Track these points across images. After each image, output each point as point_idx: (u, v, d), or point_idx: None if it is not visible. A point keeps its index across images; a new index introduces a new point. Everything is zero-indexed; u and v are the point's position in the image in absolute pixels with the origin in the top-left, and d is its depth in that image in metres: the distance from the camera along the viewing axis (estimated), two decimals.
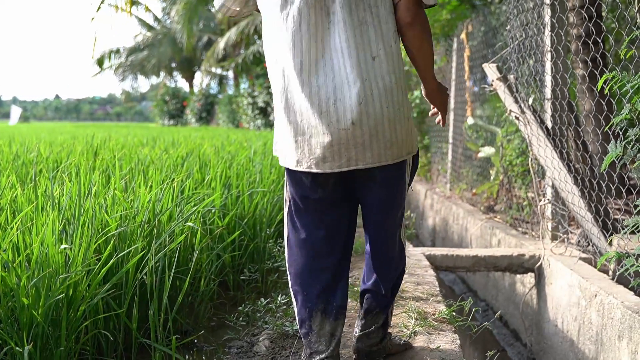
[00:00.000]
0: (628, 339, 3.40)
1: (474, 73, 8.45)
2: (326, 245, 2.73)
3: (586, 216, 4.57)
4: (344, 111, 2.49)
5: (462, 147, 8.70)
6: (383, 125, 2.53)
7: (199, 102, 38.73)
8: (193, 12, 31.07)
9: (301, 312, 2.74)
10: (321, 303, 2.70)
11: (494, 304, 6.23)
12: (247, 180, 4.95)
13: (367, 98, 2.49)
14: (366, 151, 2.54)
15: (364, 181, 2.67)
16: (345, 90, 2.49)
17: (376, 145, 2.54)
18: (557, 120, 4.97)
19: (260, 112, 28.93)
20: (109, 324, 3.06)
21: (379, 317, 2.84)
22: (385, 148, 2.56)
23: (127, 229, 3.21)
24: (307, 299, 2.72)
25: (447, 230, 8.22)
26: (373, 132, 2.52)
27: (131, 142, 8.24)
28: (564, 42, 4.89)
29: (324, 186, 2.66)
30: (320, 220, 2.72)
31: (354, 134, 2.50)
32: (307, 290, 2.73)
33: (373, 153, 2.55)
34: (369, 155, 2.55)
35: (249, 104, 29.34)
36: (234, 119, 32.96)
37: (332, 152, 2.53)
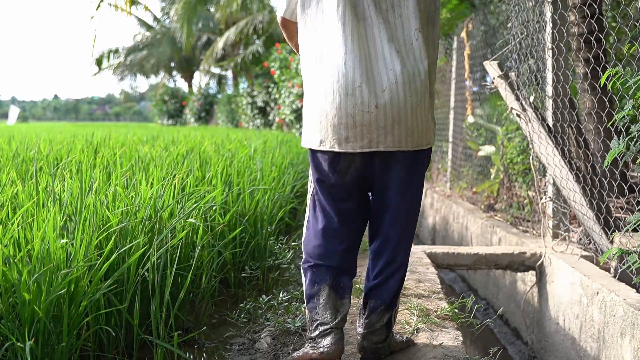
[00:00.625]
0: (630, 336, 3.39)
1: (474, 72, 8.45)
2: (339, 232, 2.90)
3: (587, 214, 4.56)
4: (369, 95, 2.68)
5: (462, 145, 8.70)
6: (406, 112, 2.71)
7: (198, 102, 38.72)
8: (192, 12, 31.08)
9: (310, 287, 2.89)
10: (330, 281, 2.86)
11: (494, 303, 6.22)
12: (247, 178, 4.94)
13: (390, 85, 2.68)
14: (388, 135, 2.71)
15: (383, 167, 2.81)
16: (371, 76, 2.70)
17: (397, 130, 2.71)
18: (558, 118, 4.96)
19: (259, 112, 28.92)
20: (111, 320, 3.05)
21: (384, 316, 2.90)
22: (407, 135, 2.73)
23: (129, 225, 3.19)
24: (318, 276, 2.88)
25: (447, 229, 8.22)
26: (395, 118, 2.69)
27: (131, 140, 8.23)
28: (565, 39, 4.88)
29: (341, 172, 2.82)
30: (335, 207, 2.89)
31: (377, 117, 2.68)
32: (319, 268, 2.89)
33: (394, 138, 2.71)
34: (390, 139, 2.71)
35: (248, 103, 29.33)
36: (233, 118, 32.96)
37: (355, 133, 2.70)
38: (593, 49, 5.27)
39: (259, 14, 30.21)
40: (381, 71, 2.70)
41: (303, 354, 2.81)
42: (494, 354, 3.20)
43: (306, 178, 7.58)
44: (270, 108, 27.77)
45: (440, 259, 5.12)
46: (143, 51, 43.34)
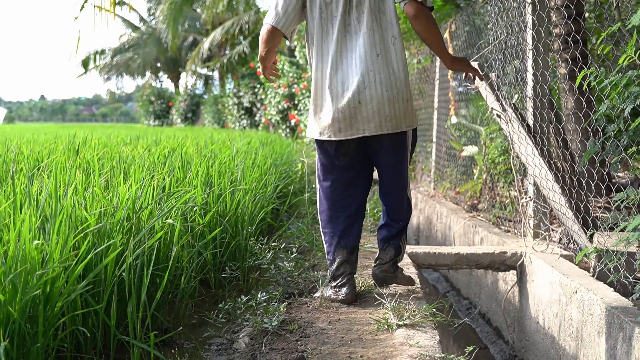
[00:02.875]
0: (607, 335, 3.42)
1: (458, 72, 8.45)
2: (345, 200, 3.78)
3: (567, 213, 4.59)
4: (353, 94, 3.52)
5: (446, 146, 8.72)
6: (384, 104, 3.55)
7: (184, 103, 38.67)
8: (178, 12, 31.03)
9: (328, 247, 3.80)
10: (342, 240, 3.75)
11: (476, 302, 6.25)
12: (228, 179, 4.94)
13: (370, 84, 3.52)
14: (370, 123, 3.56)
15: (375, 147, 3.70)
16: (356, 79, 3.52)
17: (378, 118, 3.56)
18: (538, 118, 4.99)
19: (245, 112, 28.92)
20: (88, 321, 3.04)
21: (390, 250, 3.82)
22: (386, 121, 3.57)
23: (106, 226, 3.19)
24: (332, 237, 3.77)
25: (430, 228, 8.24)
26: (375, 109, 3.54)
27: (114, 141, 8.22)
28: (544, 39, 4.91)
29: (345, 154, 3.71)
30: (341, 182, 3.76)
31: (360, 110, 3.54)
32: (332, 231, 3.78)
33: (376, 124, 3.56)
34: (373, 126, 3.56)
35: (235, 104, 29.32)
36: (219, 119, 32.93)
37: (345, 124, 3.58)
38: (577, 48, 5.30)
39: (245, 15, 30.21)
40: (364, 73, 3.51)
41: (328, 296, 3.78)
42: (470, 353, 3.21)
43: (289, 179, 7.60)
44: (257, 108, 27.78)
45: (421, 259, 5.13)
46: (129, 52, 43.22)
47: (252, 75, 27.20)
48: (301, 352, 3.07)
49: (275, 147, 9.55)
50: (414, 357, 2.91)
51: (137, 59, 42.21)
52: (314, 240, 5.29)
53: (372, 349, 3.07)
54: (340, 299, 3.73)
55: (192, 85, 41.76)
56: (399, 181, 3.80)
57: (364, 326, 3.42)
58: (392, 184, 3.81)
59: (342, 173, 3.76)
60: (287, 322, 3.45)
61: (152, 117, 41.62)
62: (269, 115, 22.98)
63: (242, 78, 28.76)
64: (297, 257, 4.74)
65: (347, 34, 3.58)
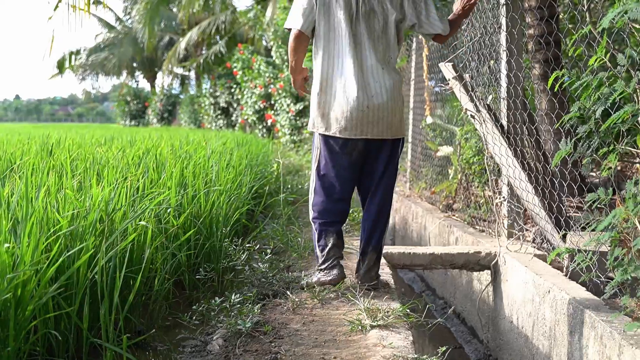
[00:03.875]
0: (579, 334, 3.44)
1: (435, 72, 8.48)
2: (340, 194, 4.12)
3: (540, 213, 4.62)
4: (363, 99, 3.92)
5: (422, 146, 8.74)
6: (387, 112, 3.97)
7: (160, 103, 38.53)
8: (154, 12, 30.87)
9: (320, 235, 4.11)
10: (335, 229, 4.10)
11: (452, 301, 6.27)
12: (203, 180, 4.92)
13: (377, 93, 3.95)
14: (374, 127, 3.96)
15: (375, 152, 4.07)
16: (365, 86, 3.95)
17: (381, 124, 3.97)
18: (511, 119, 5.01)
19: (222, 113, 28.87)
20: (60, 324, 3.02)
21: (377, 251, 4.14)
22: (387, 128, 4.00)
23: (78, 228, 3.17)
24: (325, 226, 4.10)
25: (406, 228, 8.26)
26: (380, 116, 3.95)
27: (88, 142, 8.16)
28: (517, 41, 4.94)
29: (350, 153, 4.04)
30: (341, 179, 4.09)
31: (367, 115, 3.94)
32: (326, 220, 4.11)
33: (379, 129, 3.98)
34: (376, 131, 3.97)
35: (211, 104, 29.26)
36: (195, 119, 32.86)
37: (351, 125, 3.95)
38: (549, 50, 5.33)
39: (221, 14, 30.14)
40: (371, 82, 3.95)
41: (317, 280, 4.06)
42: (443, 354, 3.22)
43: (265, 179, 7.59)
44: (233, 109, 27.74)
45: (396, 259, 5.15)
46: (104, 51, 42.97)
47: (228, 75, 27.15)
48: (275, 353, 3.07)
49: (251, 147, 9.54)
50: (387, 357, 2.92)
51: (113, 59, 42.00)
52: (288, 241, 5.28)
53: (345, 350, 3.08)
54: (330, 279, 4.03)
55: (168, 85, 41.64)
56: (392, 181, 4.19)
57: (338, 327, 3.42)
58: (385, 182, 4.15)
59: (342, 169, 4.09)
60: (261, 324, 3.45)
61: (128, 117, 41.45)
62: (246, 115, 22.95)
63: (218, 78, 28.71)
64: (271, 258, 4.74)
65: (357, 44, 3.98)
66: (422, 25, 4.13)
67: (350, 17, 3.98)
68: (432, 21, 4.13)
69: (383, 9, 4.02)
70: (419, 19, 4.11)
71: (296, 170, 12.31)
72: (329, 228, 4.10)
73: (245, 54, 22.84)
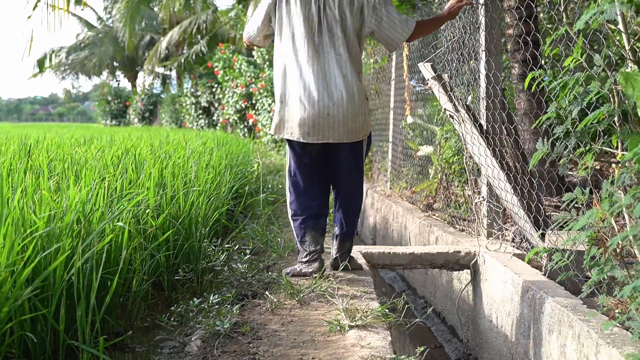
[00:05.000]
0: (557, 333, 3.46)
1: (416, 72, 8.49)
2: (312, 193, 4.40)
3: (519, 213, 4.63)
4: (324, 106, 4.12)
5: (402, 145, 8.75)
6: (347, 118, 4.16)
7: (141, 102, 38.38)
8: (135, 11, 30.77)
9: (299, 230, 4.38)
10: (311, 224, 4.35)
11: (432, 301, 6.28)
12: (182, 180, 4.91)
13: (338, 100, 4.13)
14: (334, 132, 4.17)
15: (335, 152, 4.32)
16: (326, 94, 4.13)
17: (341, 129, 4.17)
18: (490, 119, 5.03)
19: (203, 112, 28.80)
20: (37, 326, 3.00)
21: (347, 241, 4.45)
22: (347, 132, 4.20)
23: (55, 229, 3.15)
24: (304, 222, 4.36)
25: (387, 228, 8.27)
26: (340, 121, 4.15)
27: (67, 142, 8.11)
28: (495, 40, 4.95)
29: (309, 153, 4.30)
30: (308, 177, 4.38)
31: (328, 121, 4.14)
32: (301, 217, 4.38)
33: (339, 134, 4.19)
34: (336, 135, 4.18)
35: (192, 103, 29.20)
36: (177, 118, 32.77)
37: (314, 130, 4.17)
38: (527, 50, 5.35)
39: (202, 14, 30.09)
40: (333, 90, 4.12)
41: (299, 270, 4.33)
42: (421, 354, 3.23)
43: (245, 179, 7.58)
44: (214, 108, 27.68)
45: (376, 259, 5.15)
46: (85, 51, 42.76)
47: (209, 75, 27.10)
48: (253, 354, 3.07)
49: (231, 147, 9.52)
50: (365, 358, 2.92)
51: (93, 58, 41.80)
52: (268, 241, 5.28)
53: (324, 351, 3.08)
54: (311, 271, 4.31)
55: (149, 84, 41.47)
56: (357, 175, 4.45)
57: (317, 327, 3.42)
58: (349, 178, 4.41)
59: (306, 169, 4.36)
60: (239, 324, 3.44)
61: (109, 117, 41.26)
62: (227, 115, 22.92)
63: (199, 77, 28.65)
64: (251, 259, 4.74)
65: (318, 53, 4.16)
66: (382, 31, 4.30)
67: (312, 27, 4.17)
68: (393, 29, 4.30)
69: (342, 19, 4.19)
70: (378, 26, 4.28)
71: (277, 170, 12.31)
72: (306, 223, 4.36)
73: (227, 54, 22.81)
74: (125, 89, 45.06)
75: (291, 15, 4.21)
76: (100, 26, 43.49)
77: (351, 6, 4.19)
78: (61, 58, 43.32)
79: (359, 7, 4.21)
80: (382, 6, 4.24)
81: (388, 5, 4.27)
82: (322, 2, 4.19)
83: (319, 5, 4.18)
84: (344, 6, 4.18)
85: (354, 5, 4.19)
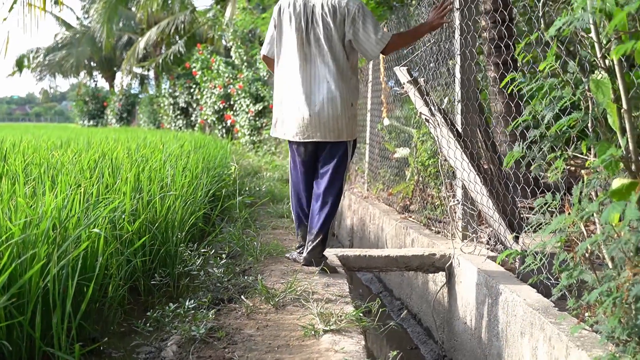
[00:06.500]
0: (529, 335, 3.51)
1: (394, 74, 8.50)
2: (302, 189, 4.83)
3: (494, 216, 4.68)
4: (307, 109, 4.56)
5: (379, 147, 8.78)
6: (328, 119, 4.56)
7: (119, 103, 38.20)
8: (112, 11, 30.66)
9: (296, 222, 4.91)
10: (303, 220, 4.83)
11: (408, 302, 6.33)
12: (158, 185, 4.91)
13: (320, 103, 4.55)
14: (318, 132, 4.58)
15: (322, 150, 4.70)
16: (310, 98, 4.56)
17: (324, 129, 4.57)
18: (466, 122, 5.08)
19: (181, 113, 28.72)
20: (12, 333, 3.00)
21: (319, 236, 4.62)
22: (330, 132, 4.59)
23: (30, 236, 3.15)
24: (296, 218, 4.89)
25: (364, 230, 8.30)
26: (322, 122, 4.56)
27: (44, 145, 8.07)
28: (470, 46, 5.00)
29: (303, 153, 4.75)
30: (300, 174, 4.83)
31: (312, 122, 4.56)
32: (295, 212, 4.89)
33: (322, 133, 4.59)
34: (319, 134, 4.59)
35: (170, 104, 29.09)
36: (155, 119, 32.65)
37: (301, 130, 4.61)
38: (503, 54, 5.40)
39: (180, 14, 30.02)
40: (316, 94, 4.55)
41: (295, 257, 4.94)
42: (394, 358, 3.26)
43: (222, 182, 7.58)
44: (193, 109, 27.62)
45: (352, 262, 5.18)
46: (62, 51, 42.49)
47: (187, 75, 27.03)
48: (228, 359, 3.09)
49: (209, 149, 9.51)
50: None
51: (70, 58, 41.54)
52: (244, 245, 5.29)
53: (298, 355, 3.10)
54: (299, 260, 4.84)
55: (127, 84, 41.27)
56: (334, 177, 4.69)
57: (292, 332, 3.44)
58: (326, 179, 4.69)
59: (302, 168, 4.80)
60: (215, 329, 3.46)
61: (87, 117, 41.02)
62: (205, 115, 22.87)
63: (177, 78, 28.57)
64: (227, 263, 4.75)
65: (306, 61, 4.59)
66: (358, 42, 4.58)
67: (301, 37, 4.60)
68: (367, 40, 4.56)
69: (327, 30, 4.56)
70: (355, 37, 4.57)
71: (255, 171, 12.30)
72: (299, 217, 4.87)
73: (205, 54, 22.77)
74: (103, 89, 44.85)
75: (287, 30, 4.67)
76: (78, 26, 43.24)
77: (334, 18, 4.54)
78: (39, 59, 43.04)
79: (341, 19, 4.55)
80: (360, 19, 4.54)
81: (367, 19, 4.56)
82: (310, 16, 4.60)
83: (307, 19, 4.60)
84: (328, 19, 4.55)
85: (337, 17, 4.55)
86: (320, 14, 4.57)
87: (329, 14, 4.55)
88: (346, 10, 4.54)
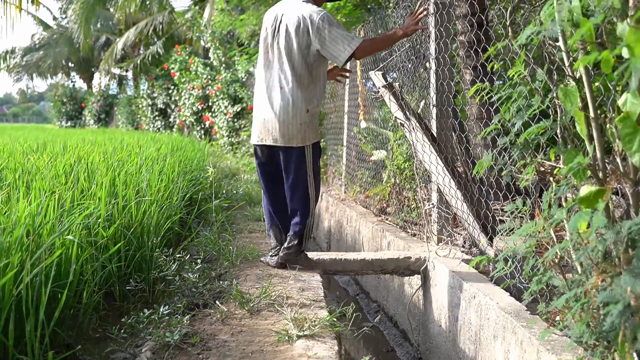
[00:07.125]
0: (502, 339, 3.55)
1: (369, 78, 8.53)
2: (267, 193, 5.05)
3: (469, 219, 4.72)
4: (265, 114, 4.80)
5: (356, 150, 8.80)
6: (279, 125, 4.74)
7: (97, 104, 38.02)
8: (90, 12, 30.55)
9: (267, 225, 5.11)
10: (273, 223, 5.05)
11: (384, 305, 6.36)
12: (134, 189, 4.90)
13: (275, 109, 4.75)
14: (270, 136, 4.79)
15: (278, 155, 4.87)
16: (269, 104, 4.78)
17: (275, 134, 4.77)
18: (441, 127, 5.11)
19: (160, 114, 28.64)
20: None
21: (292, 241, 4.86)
22: (280, 137, 4.76)
23: (4, 243, 3.14)
24: (267, 222, 5.10)
25: (341, 232, 8.32)
26: (274, 127, 4.76)
27: (20, 149, 8.03)
28: (444, 51, 5.04)
29: (260, 154, 4.98)
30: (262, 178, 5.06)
31: (267, 126, 4.80)
32: (267, 215, 5.09)
33: (273, 137, 4.78)
34: (270, 139, 4.80)
35: (149, 105, 28.99)
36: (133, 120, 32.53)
37: (258, 133, 4.87)
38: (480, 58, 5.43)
39: (159, 15, 29.94)
40: (273, 100, 4.76)
41: (267, 261, 5.05)
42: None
43: (199, 185, 7.58)
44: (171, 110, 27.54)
45: (328, 266, 5.20)
46: (40, 51, 42.22)
47: (166, 76, 26.95)
48: None
49: (186, 151, 9.50)
50: None
51: (48, 59, 41.28)
52: (220, 249, 5.30)
53: None
54: (272, 264, 5.01)
55: (105, 85, 41.08)
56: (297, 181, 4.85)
57: (266, 337, 3.46)
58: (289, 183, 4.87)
59: (259, 169, 5.06)
60: (189, 335, 3.48)
61: (65, 118, 40.79)
62: (184, 116, 22.82)
63: (156, 79, 28.50)
64: (203, 267, 4.76)
65: (269, 69, 4.85)
66: (326, 49, 4.69)
67: (266, 45, 4.89)
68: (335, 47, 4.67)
69: (288, 39, 4.75)
70: (322, 45, 4.69)
71: (232, 173, 12.27)
72: (270, 222, 5.08)
73: (183, 55, 22.72)
74: (81, 89, 44.61)
75: (261, 38, 4.97)
76: (56, 27, 42.98)
77: (297, 29, 4.73)
78: (16, 59, 42.75)
79: (305, 29, 4.71)
80: (326, 28, 4.68)
81: (332, 27, 4.69)
82: (277, 26, 4.84)
83: (275, 28, 4.86)
84: (290, 29, 4.75)
85: (300, 28, 4.72)
86: (285, 25, 4.79)
87: (293, 25, 4.74)
88: (309, 22, 4.70)
